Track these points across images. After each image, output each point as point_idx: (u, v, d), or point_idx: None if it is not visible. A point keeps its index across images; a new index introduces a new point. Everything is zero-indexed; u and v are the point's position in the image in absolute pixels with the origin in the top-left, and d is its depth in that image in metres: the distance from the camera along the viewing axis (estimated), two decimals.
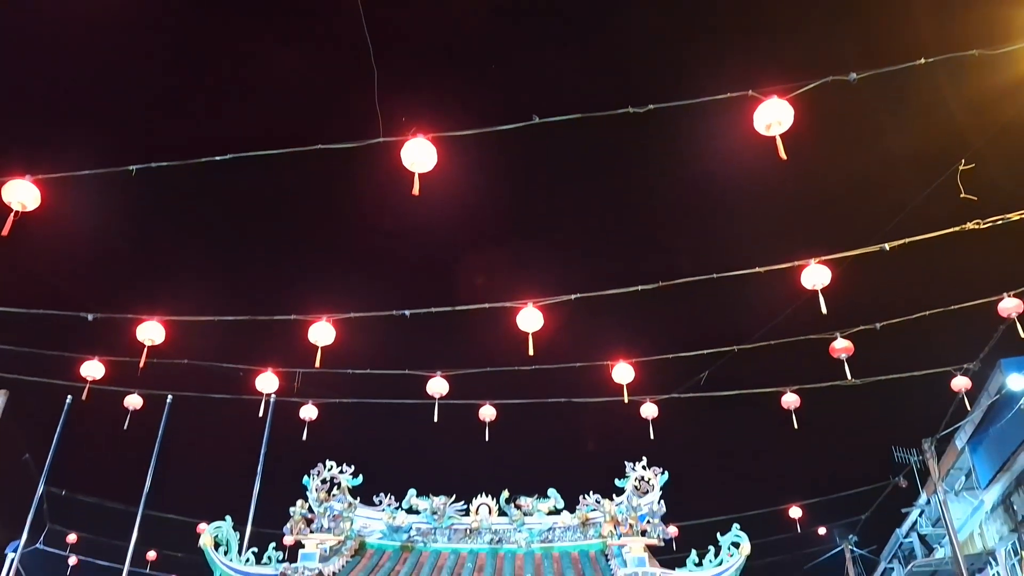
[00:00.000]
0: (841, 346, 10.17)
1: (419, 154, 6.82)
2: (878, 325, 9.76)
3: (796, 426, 11.96)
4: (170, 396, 16.02)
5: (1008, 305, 9.64)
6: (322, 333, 9.55)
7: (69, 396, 15.51)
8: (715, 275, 8.78)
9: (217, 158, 6.83)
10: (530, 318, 9.41)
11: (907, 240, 8.01)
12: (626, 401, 11.89)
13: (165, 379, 15.51)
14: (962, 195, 7.75)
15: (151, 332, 9.30)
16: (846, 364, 10.15)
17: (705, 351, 10.79)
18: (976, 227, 7.68)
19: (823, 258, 8.48)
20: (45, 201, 7.11)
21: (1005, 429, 19.97)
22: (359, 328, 10.36)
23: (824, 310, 8.18)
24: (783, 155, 6.16)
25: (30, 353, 11.23)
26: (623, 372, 11.18)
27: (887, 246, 8.05)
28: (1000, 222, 7.70)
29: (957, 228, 7.83)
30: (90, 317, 8.81)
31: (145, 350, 9.33)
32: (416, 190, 6.66)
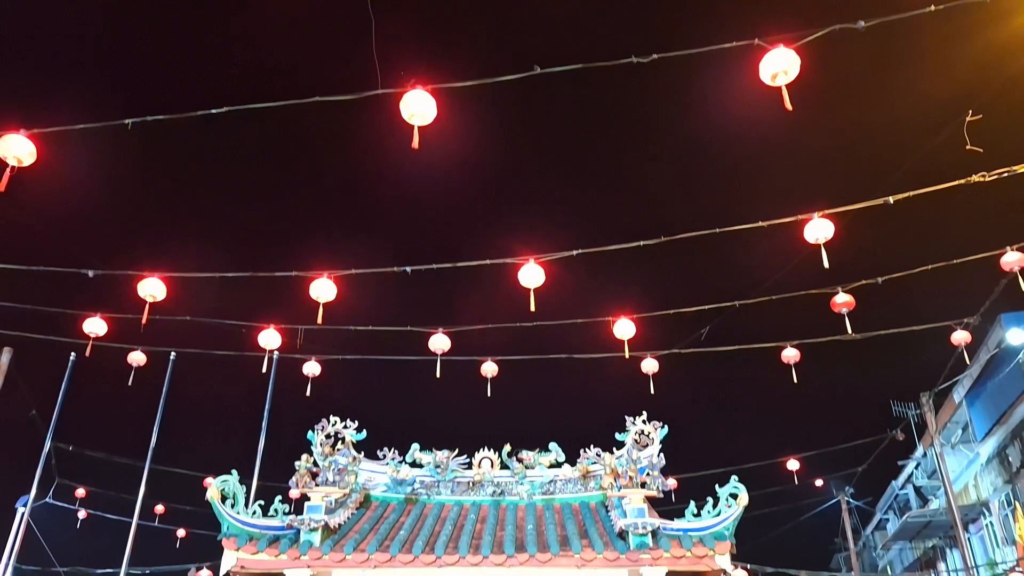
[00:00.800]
0: (842, 300, 10.16)
1: (418, 106, 6.71)
2: (880, 279, 9.74)
3: (796, 381, 12.03)
4: (173, 353, 16.13)
5: (1011, 259, 9.60)
6: (323, 289, 9.55)
7: (73, 353, 15.60)
8: (718, 230, 8.74)
9: (214, 111, 6.73)
10: (532, 274, 9.39)
11: (911, 193, 7.93)
12: (627, 356, 11.95)
13: (168, 336, 15.61)
14: (968, 147, 7.65)
15: (152, 288, 9.30)
16: (847, 319, 10.16)
17: (706, 306, 10.80)
18: (981, 180, 7.61)
19: (827, 212, 8.42)
20: (41, 156, 7.03)
21: (1003, 383, 20.12)
22: (361, 285, 10.38)
23: (826, 264, 8.15)
24: (789, 106, 6.06)
25: (32, 311, 11.25)
26: (624, 328, 11.21)
27: (891, 199, 7.99)
28: (1006, 174, 7.62)
29: (962, 181, 7.76)
30: (91, 274, 8.80)
31: (147, 307, 9.34)
32: (416, 143, 6.58)
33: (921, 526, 26.55)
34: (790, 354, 11.99)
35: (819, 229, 8.52)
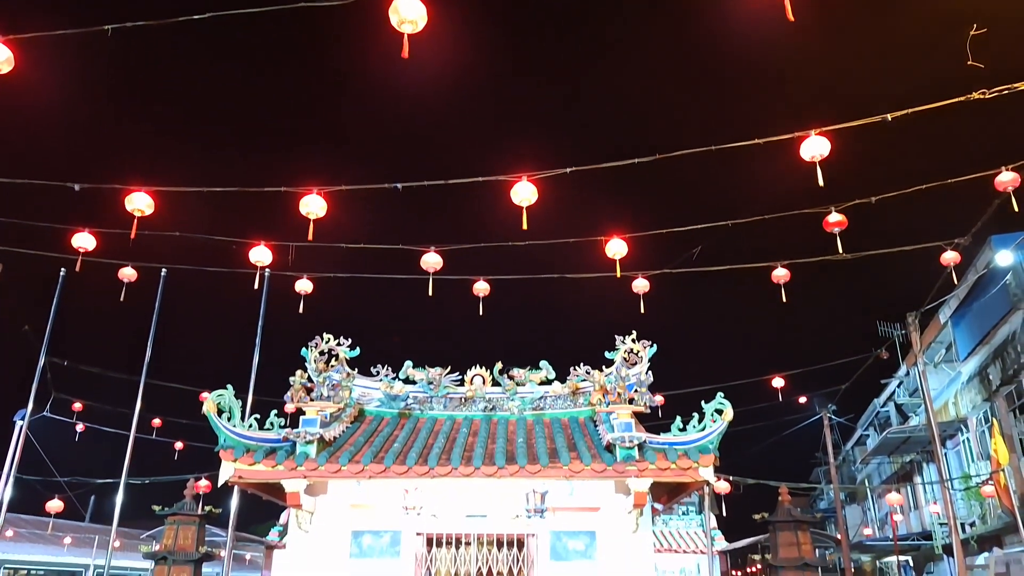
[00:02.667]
0: (835, 220, 10.14)
1: (408, 11, 6.46)
2: (873, 199, 9.70)
3: (785, 300, 12.13)
4: (164, 269, 16.10)
5: (1005, 178, 9.55)
6: (313, 205, 9.44)
7: (63, 269, 15.54)
8: (713, 147, 8.62)
9: (196, 17, 6.48)
10: (524, 191, 9.30)
11: (910, 110, 7.80)
12: (618, 276, 11.98)
13: (159, 254, 15.52)
14: (969, 62, 7.49)
15: (140, 203, 9.17)
16: (838, 238, 10.17)
17: (698, 226, 10.77)
18: (981, 97, 7.48)
19: (823, 129, 8.30)
20: (18, 64, 6.80)
21: (988, 304, 20.39)
22: (352, 202, 10.28)
23: (821, 182, 8.09)
24: (791, 16, 5.88)
25: (20, 225, 11.12)
26: (616, 247, 11.20)
27: (888, 116, 7.86)
28: (1007, 91, 7.48)
29: (962, 98, 7.63)
30: (76, 187, 8.66)
31: (135, 221, 9.24)
32: (406, 52, 6.38)
33: (900, 442, 27.40)
34: (780, 274, 12.04)
35: (815, 146, 8.41)
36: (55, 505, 24.16)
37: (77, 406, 21.64)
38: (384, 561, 10.56)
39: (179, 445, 24.75)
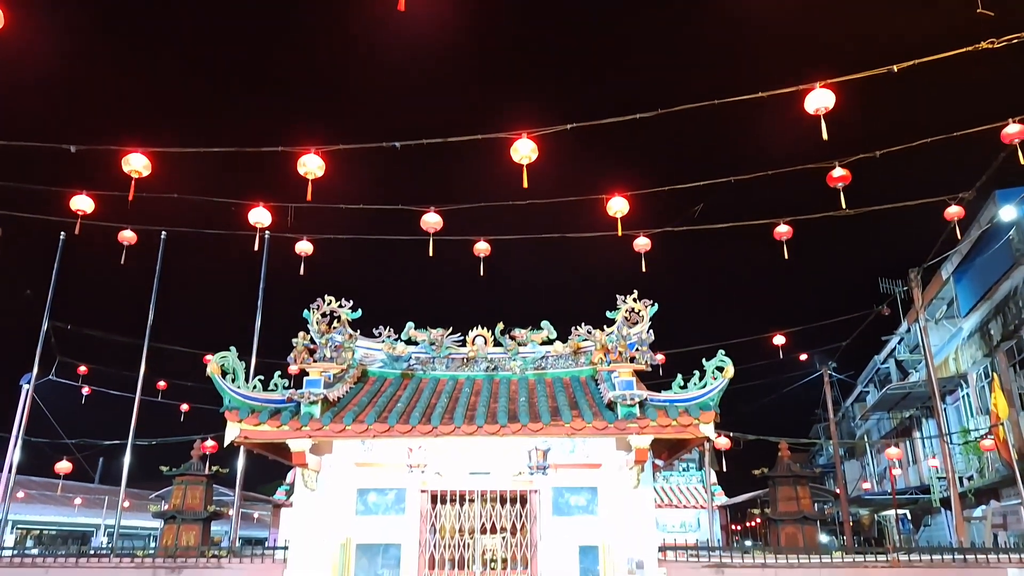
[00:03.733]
0: (839, 175, 10.04)
1: None
2: (878, 153, 9.58)
3: (787, 257, 12.08)
4: (164, 232, 16.05)
5: (1012, 131, 9.41)
6: (311, 164, 9.35)
7: (63, 232, 15.50)
8: (716, 101, 8.49)
9: None
10: (524, 149, 9.20)
11: (916, 61, 7.66)
12: (620, 235, 11.94)
13: (158, 217, 15.47)
14: (979, 10, 7.32)
15: (137, 163, 9.09)
16: (842, 194, 10.08)
17: (701, 183, 10.68)
18: (990, 47, 7.33)
19: (828, 81, 8.16)
20: (8, 22, 6.66)
21: (991, 259, 20.34)
22: (351, 162, 10.18)
23: (825, 136, 7.98)
24: None
25: (18, 189, 11.05)
26: (617, 205, 11.13)
27: (895, 67, 7.72)
28: (1016, 41, 7.33)
29: (970, 48, 7.48)
30: (73, 148, 8.58)
31: (132, 183, 9.17)
32: (402, 5, 6.23)
33: (900, 397, 27.60)
34: (783, 231, 11.98)
35: (820, 99, 8.28)
36: (64, 466, 24.50)
37: (82, 369, 21.80)
38: (390, 518, 10.72)
39: (185, 407, 24.99)
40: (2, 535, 17.11)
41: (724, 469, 28.47)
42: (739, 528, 41.52)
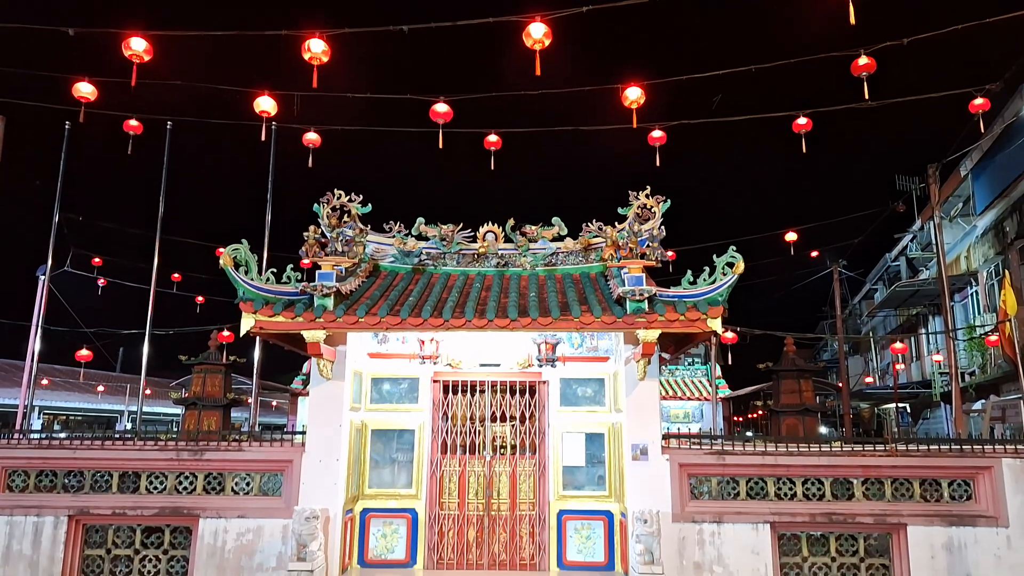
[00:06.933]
0: (863, 63, 9.65)
1: None
2: (905, 40, 9.18)
3: (805, 151, 11.81)
4: (170, 122, 15.81)
5: None
6: (316, 48, 9.06)
7: (68, 122, 15.28)
8: None
9: None
10: (537, 33, 8.87)
11: None
12: (635, 127, 11.68)
13: (164, 107, 15.20)
14: None
15: (137, 47, 8.83)
16: (865, 84, 9.72)
17: (720, 71, 10.33)
18: None
19: None
20: None
21: (1011, 156, 19.89)
22: (357, 47, 9.86)
23: (852, 19, 7.62)
24: None
25: (20, 77, 10.84)
26: (633, 94, 10.83)
27: None
28: None
29: None
30: (71, 32, 8.33)
31: (134, 68, 8.94)
32: None
33: (908, 295, 27.72)
34: (801, 123, 11.66)
35: None
36: (84, 354, 25.20)
37: (97, 261, 22.03)
38: (403, 406, 11.11)
39: (200, 299, 25.39)
40: (30, 419, 17.81)
41: (729, 363, 29.01)
42: (741, 420, 42.78)
